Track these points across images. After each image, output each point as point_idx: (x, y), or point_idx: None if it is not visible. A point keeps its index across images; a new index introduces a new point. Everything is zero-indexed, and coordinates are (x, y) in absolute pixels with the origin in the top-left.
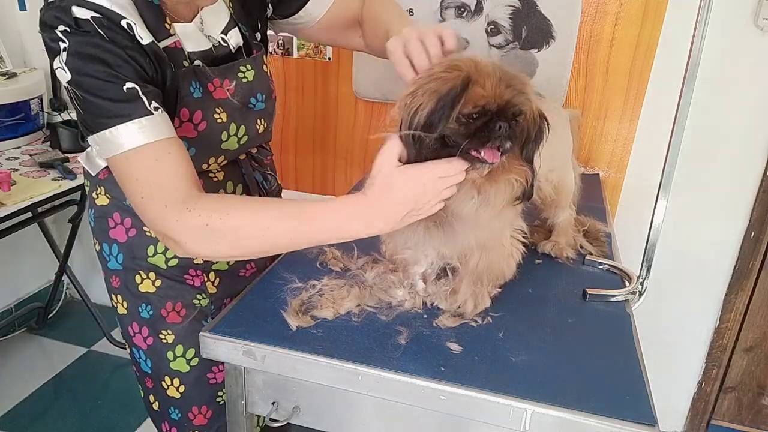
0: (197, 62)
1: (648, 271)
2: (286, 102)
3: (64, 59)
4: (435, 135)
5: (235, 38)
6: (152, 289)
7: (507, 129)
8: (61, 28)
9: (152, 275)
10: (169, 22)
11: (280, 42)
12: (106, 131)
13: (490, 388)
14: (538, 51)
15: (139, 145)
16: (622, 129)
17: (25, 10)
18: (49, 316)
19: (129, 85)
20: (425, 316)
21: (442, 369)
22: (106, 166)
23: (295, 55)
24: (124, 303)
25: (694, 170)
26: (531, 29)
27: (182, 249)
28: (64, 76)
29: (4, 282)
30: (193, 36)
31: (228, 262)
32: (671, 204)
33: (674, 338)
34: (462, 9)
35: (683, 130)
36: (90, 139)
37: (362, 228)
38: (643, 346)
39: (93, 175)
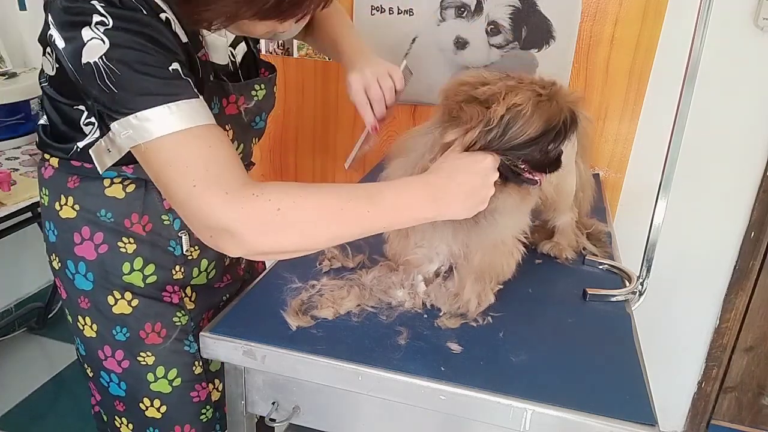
0: (221, 77)
1: (648, 271)
2: (286, 102)
3: (101, 30)
4: (520, 158)
5: (241, 53)
6: (128, 310)
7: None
8: (96, 2)
9: (128, 295)
10: (203, 33)
11: (280, 42)
12: (148, 111)
13: (490, 388)
14: (538, 51)
15: (190, 126)
16: (622, 129)
17: (25, 10)
18: (49, 316)
19: (174, 66)
20: (425, 316)
21: (442, 369)
22: (77, 175)
23: (295, 55)
24: (94, 326)
25: (694, 170)
26: (531, 29)
27: (243, 244)
28: (98, 48)
29: (4, 282)
30: (220, 49)
31: (207, 276)
32: (671, 204)
33: (674, 338)
34: (462, 9)
35: (683, 130)
36: (120, 122)
37: (433, 210)
38: (643, 346)
39: (100, 172)
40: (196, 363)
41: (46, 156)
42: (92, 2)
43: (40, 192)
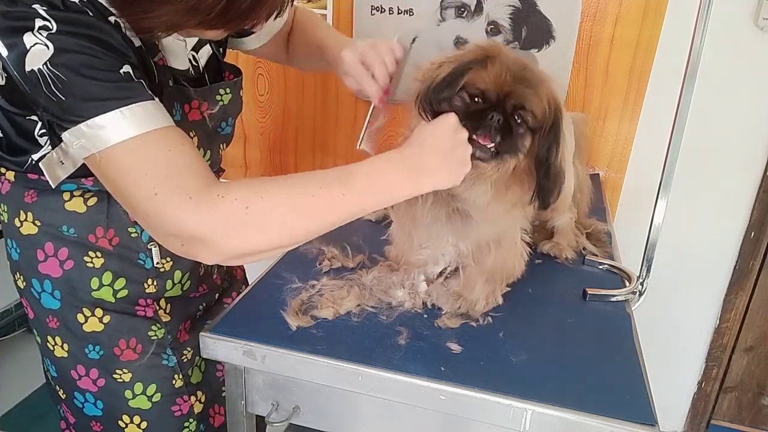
0: (182, 82)
1: (648, 271)
2: (286, 102)
3: (45, 35)
4: (443, 95)
5: (205, 57)
6: (100, 327)
7: (500, 121)
8: (38, 6)
9: (99, 312)
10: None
11: None
12: (100, 118)
13: (490, 388)
14: (538, 51)
15: (146, 131)
16: (622, 129)
17: None
18: None
19: (125, 69)
20: (425, 316)
21: (442, 369)
22: (34, 189)
23: None
24: (65, 345)
25: (694, 170)
26: (531, 29)
27: (215, 249)
28: (42, 54)
29: (4, 282)
30: (179, 54)
31: (182, 287)
32: (671, 204)
33: (674, 338)
34: (462, 9)
35: (683, 130)
36: (72, 131)
37: (412, 183)
38: (643, 346)
39: (53, 186)
40: (176, 376)
41: (2, 170)
42: (33, 6)
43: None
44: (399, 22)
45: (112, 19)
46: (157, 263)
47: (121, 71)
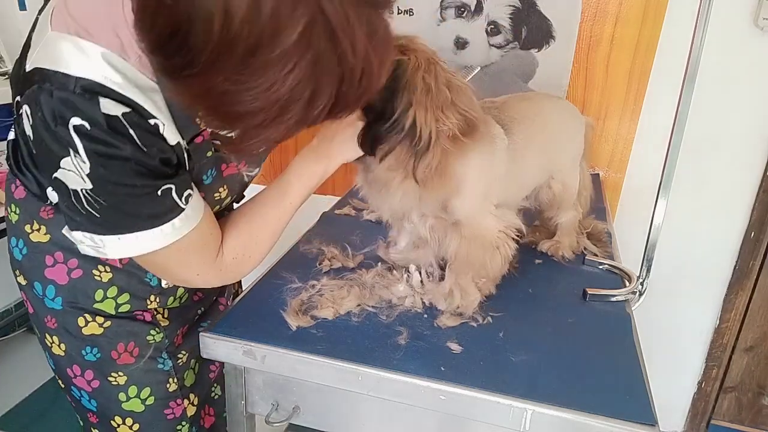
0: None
1: (648, 271)
2: None
3: (83, 171)
4: None
5: None
6: (99, 331)
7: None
8: (77, 122)
9: (99, 318)
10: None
11: None
12: (134, 235)
13: (490, 388)
14: (538, 51)
15: (183, 235)
16: (622, 129)
17: (25, 9)
18: None
19: (165, 187)
20: (425, 316)
21: (442, 369)
22: (51, 207)
23: None
24: (62, 345)
25: (694, 170)
26: (531, 29)
27: (235, 280)
28: (79, 182)
29: (4, 282)
30: None
31: (180, 301)
32: (671, 204)
33: (674, 338)
34: (462, 9)
35: (683, 130)
36: (102, 238)
37: (323, 164)
38: (643, 346)
39: (63, 232)
40: (171, 380)
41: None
42: (73, 136)
43: (7, 206)
44: (399, 22)
45: (152, 121)
46: (165, 284)
47: (159, 192)
